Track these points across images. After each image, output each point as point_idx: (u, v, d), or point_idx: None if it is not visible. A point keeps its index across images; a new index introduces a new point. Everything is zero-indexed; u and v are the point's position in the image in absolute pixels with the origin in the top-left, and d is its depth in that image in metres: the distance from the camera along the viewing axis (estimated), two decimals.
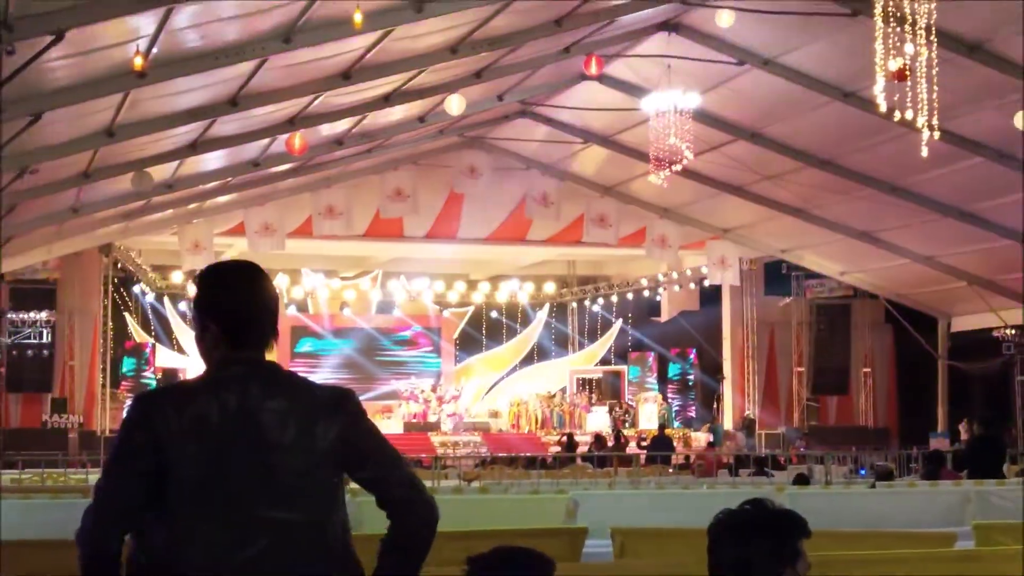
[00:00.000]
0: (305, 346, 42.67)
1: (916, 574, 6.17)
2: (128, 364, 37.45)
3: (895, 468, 18.97)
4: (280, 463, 4.22)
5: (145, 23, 15.43)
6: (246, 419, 4.25)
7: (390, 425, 39.62)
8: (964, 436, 32.50)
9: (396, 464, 4.46)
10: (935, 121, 18.04)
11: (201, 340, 4.46)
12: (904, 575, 6.19)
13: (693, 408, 40.97)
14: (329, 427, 4.34)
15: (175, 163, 24.84)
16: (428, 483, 15.30)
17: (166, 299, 40.73)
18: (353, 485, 4.58)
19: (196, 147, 23.38)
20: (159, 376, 37.89)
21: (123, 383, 37.00)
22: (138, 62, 15.11)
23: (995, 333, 31.43)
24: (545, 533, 7.86)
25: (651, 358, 42.62)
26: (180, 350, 40.81)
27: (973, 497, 10.87)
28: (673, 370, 41.70)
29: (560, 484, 14.42)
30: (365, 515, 9.68)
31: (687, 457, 28.58)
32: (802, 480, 13.82)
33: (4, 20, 13.16)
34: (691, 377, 41.27)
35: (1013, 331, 31.16)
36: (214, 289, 4.47)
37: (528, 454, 29.86)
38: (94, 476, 19.71)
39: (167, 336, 40.74)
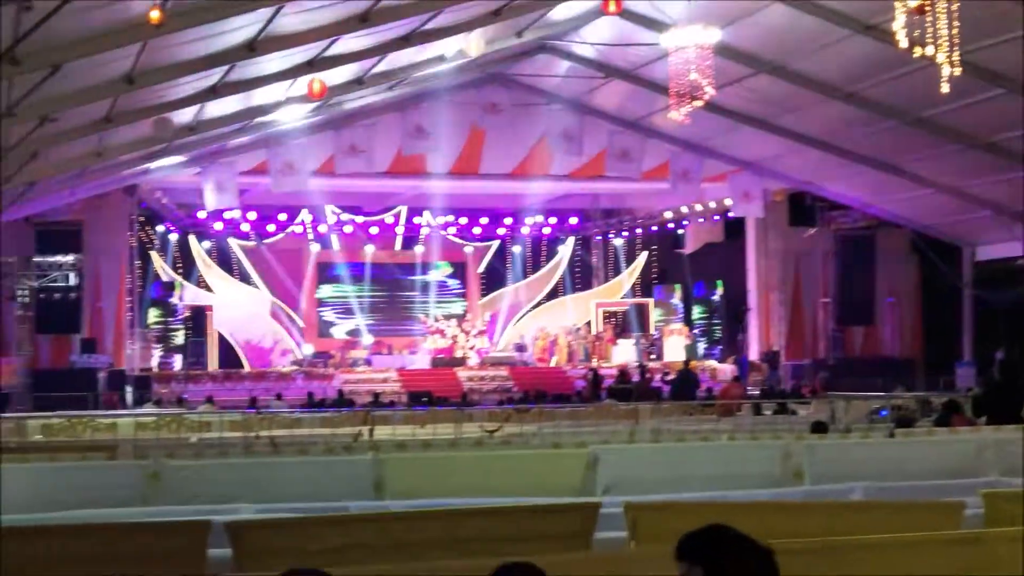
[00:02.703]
0: (331, 281, 42.87)
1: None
2: (156, 304, 37.72)
3: (917, 409, 19.00)
4: None
5: None
6: None
7: (416, 360, 39.86)
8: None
9: None
10: (956, 56, 17.94)
11: None
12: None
13: (719, 340, 41.00)
14: None
15: (196, 106, 24.86)
16: (450, 430, 15.51)
17: (191, 237, 40.94)
18: (378, 437, 4.64)
19: (216, 91, 23.37)
20: (187, 315, 38.20)
21: (151, 320, 37.32)
22: (155, 15, 15.09)
23: (1020, 262, 31.27)
24: (558, 510, 7.95)
25: (676, 290, 42.67)
26: (207, 287, 41.09)
27: (991, 444, 10.94)
28: (698, 302, 41.72)
29: (582, 431, 14.55)
30: (387, 474, 9.85)
31: (710, 391, 28.66)
32: (820, 428, 13.88)
33: None
34: (716, 309, 41.27)
35: None
36: None
37: (554, 392, 30.07)
38: (123, 420, 19.93)
39: (194, 273, 40.99)
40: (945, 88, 18.17)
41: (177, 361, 37.41)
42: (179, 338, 37.79)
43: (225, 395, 33.48)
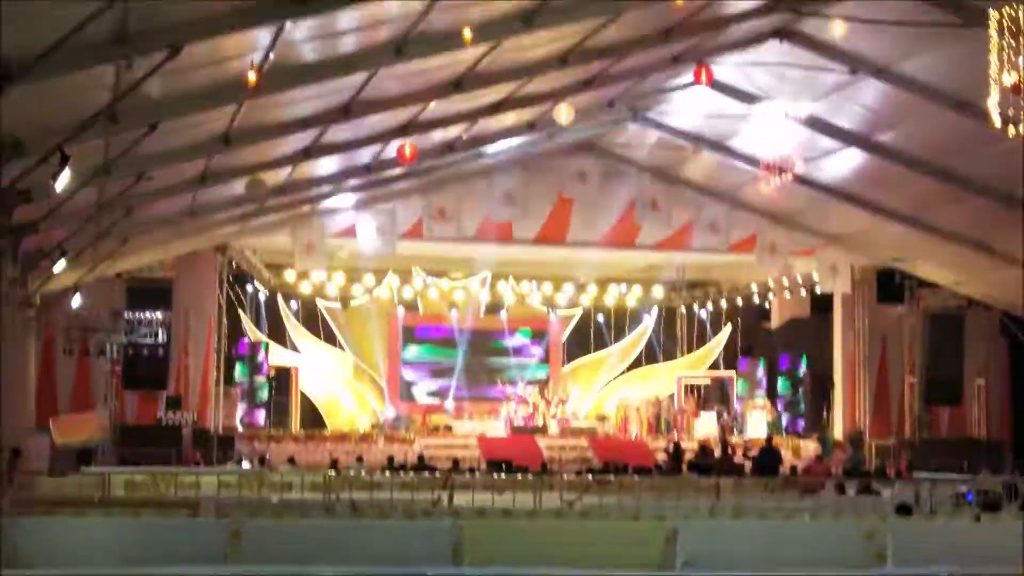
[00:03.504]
0: (415, 345, 43.01)
1: None
2: (242, 362, 38.00)
3: (1003, 493, 18.67)
4: None
5: (261, 36, 15.66)
6: None
7: (497, 427, 39.80)
8: None
9: None
10: None
11: None
12: None
13: (802, 416, 40.55)
14: None
15: (289, 167, 25.16)
16: (530, 498, 15.45)
17: (280, 297, 41.29)
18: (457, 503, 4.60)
19: (309, 153, 23.68)
20: (272, 374, 38.45)
21: (236, 381, 37.56)
22: (252, 77, 15.33)
23: None
24: None
25: (760, 364, 42.30)
26: (293, 348, 41.36)
27: None
28: (783, 377, 41.33)
29: (663, 504, 14.44)
30: (466, 540, 9.83)
31: (794, 468, 28.31)
32: (904, 510, 13.68)
33: (123, 35, 13.45)
34: (801, 385, 40.85)
35: None
36: None
37: (634, 464, 29.84)
38: (206, 478, 20.11)
39: (280, 334, 41.28)
40: None
41: (260, 420, 37.63)
42: (263, 397, 38.04)
43: (307, 456, 33.66)
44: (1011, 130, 17.77)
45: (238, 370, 37.79)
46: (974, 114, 22.81)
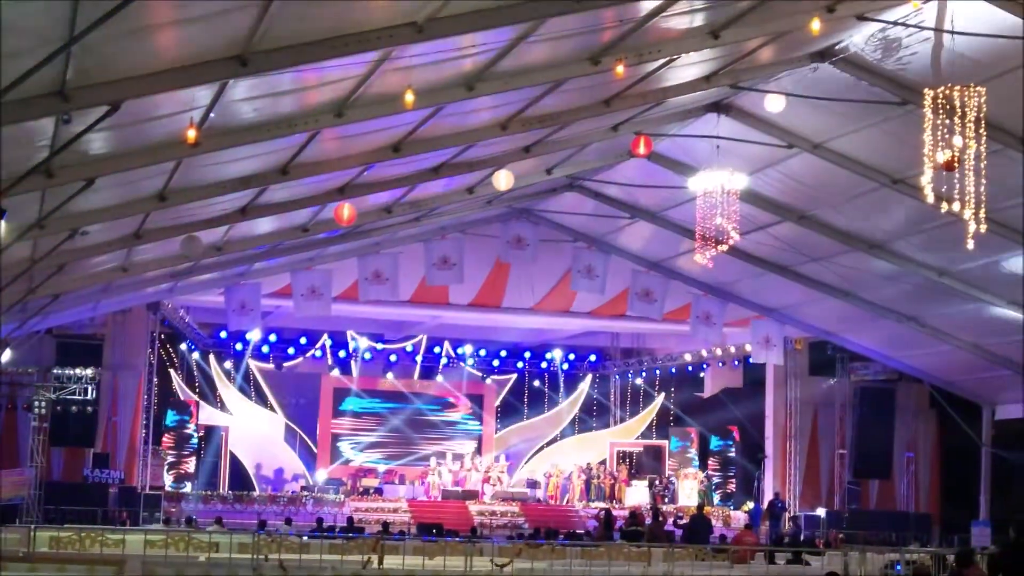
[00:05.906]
0: (348, 407, 42.77)
1: None
2: (171, 420, 37.63)
3: (932, 564, 18.77)
4: None
5: (201, 94, 15.58)
6: None
7: (427, 491, 39.58)
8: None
9: None
10: (983, 213, 18.06)
11: None
12: None
13: (733, 485, 40.72)
14: None
15: (225, 226, 25.02)
16: (460, 561, 15.35)
17: (212, 356, 41.04)
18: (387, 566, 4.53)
19: (246, 212, 23.54)
20: (201, 433, 38.11)
21: (165, 439, 37.19)
22: (191, 135, 15.23)
23: None
24: None
25: (692, 434, 42.46)
26: (223, 407, 41.04)
27: None
28: (715, 446, 41.49)
29: (593, 571, 14.40)
30: None
31: (722, 536, 28.34)
32: None
33: (62, 90, 13.36)
34: (732, 454, 41.04)
35: None
36: None
37: (565, 531, 29.77)
38: (132, 536, 19.76)
39: (211, 393, 41.00)
40: (970, 245, 18.26)
41: (188, 480, 37.24)
42: (192, 457, 37.69)
43: (235, 517, 33.34)
44: (944, 206, 18.07)
45: (167, 429, 37.44)
46: (908, 191, 23.20)
